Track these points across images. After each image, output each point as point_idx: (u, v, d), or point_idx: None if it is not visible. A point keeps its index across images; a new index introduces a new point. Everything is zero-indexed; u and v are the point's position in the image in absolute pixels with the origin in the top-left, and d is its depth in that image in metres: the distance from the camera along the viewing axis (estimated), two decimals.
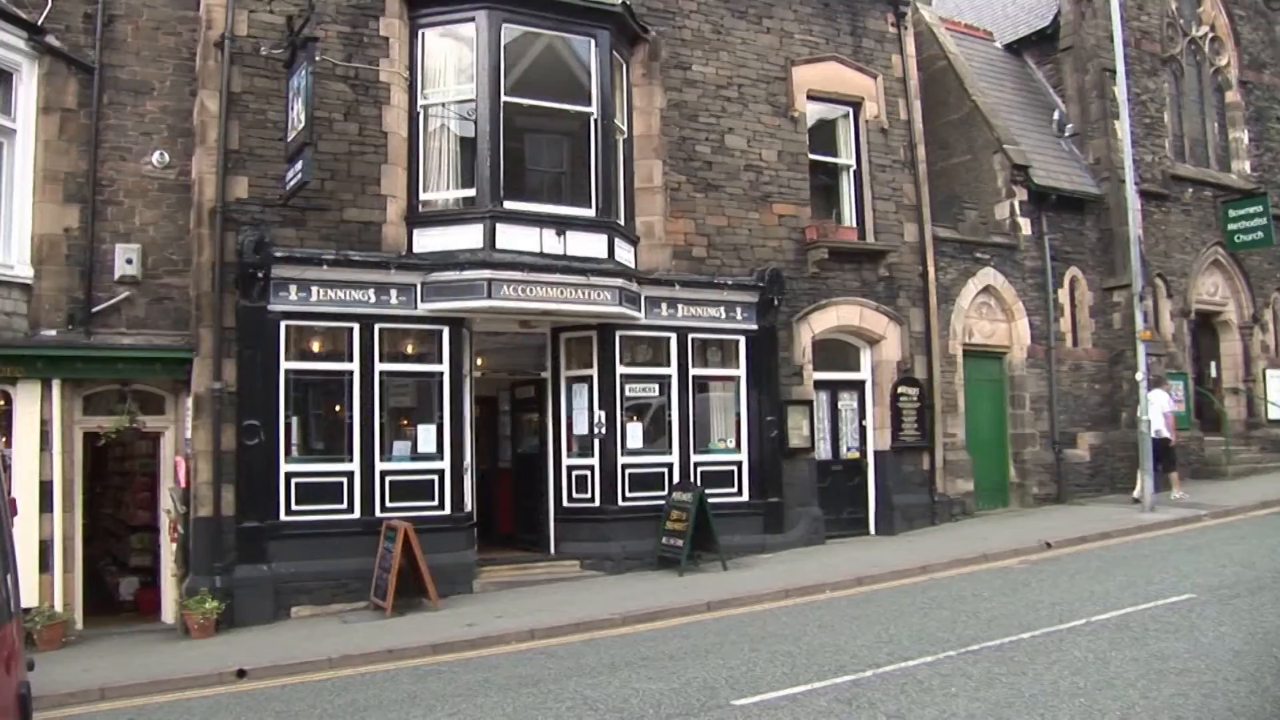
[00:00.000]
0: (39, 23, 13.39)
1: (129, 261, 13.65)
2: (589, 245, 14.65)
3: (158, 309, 13.84)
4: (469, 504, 14.67)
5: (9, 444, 12.71)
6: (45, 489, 12.78)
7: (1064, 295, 21.39)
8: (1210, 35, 25.95)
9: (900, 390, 18.13)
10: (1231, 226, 24.37)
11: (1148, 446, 18.20)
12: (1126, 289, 20.77)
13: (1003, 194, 20.80)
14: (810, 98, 17.94)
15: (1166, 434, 19.10)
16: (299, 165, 12.96)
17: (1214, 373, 24.88)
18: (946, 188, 20.81)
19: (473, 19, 14.56)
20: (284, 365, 13.51)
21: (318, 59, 13.34)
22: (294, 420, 13.67)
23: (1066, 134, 22.94)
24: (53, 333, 13.20)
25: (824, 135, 18.47)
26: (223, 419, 13.14)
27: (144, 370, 13.67)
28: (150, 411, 13.96)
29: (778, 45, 17.70)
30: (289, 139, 13.41)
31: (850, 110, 18.54)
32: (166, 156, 14.03)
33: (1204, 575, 12.26)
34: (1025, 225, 20.80)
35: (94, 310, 13.44)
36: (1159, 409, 19.12)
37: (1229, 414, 23.87)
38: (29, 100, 13.42)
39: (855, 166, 18.49)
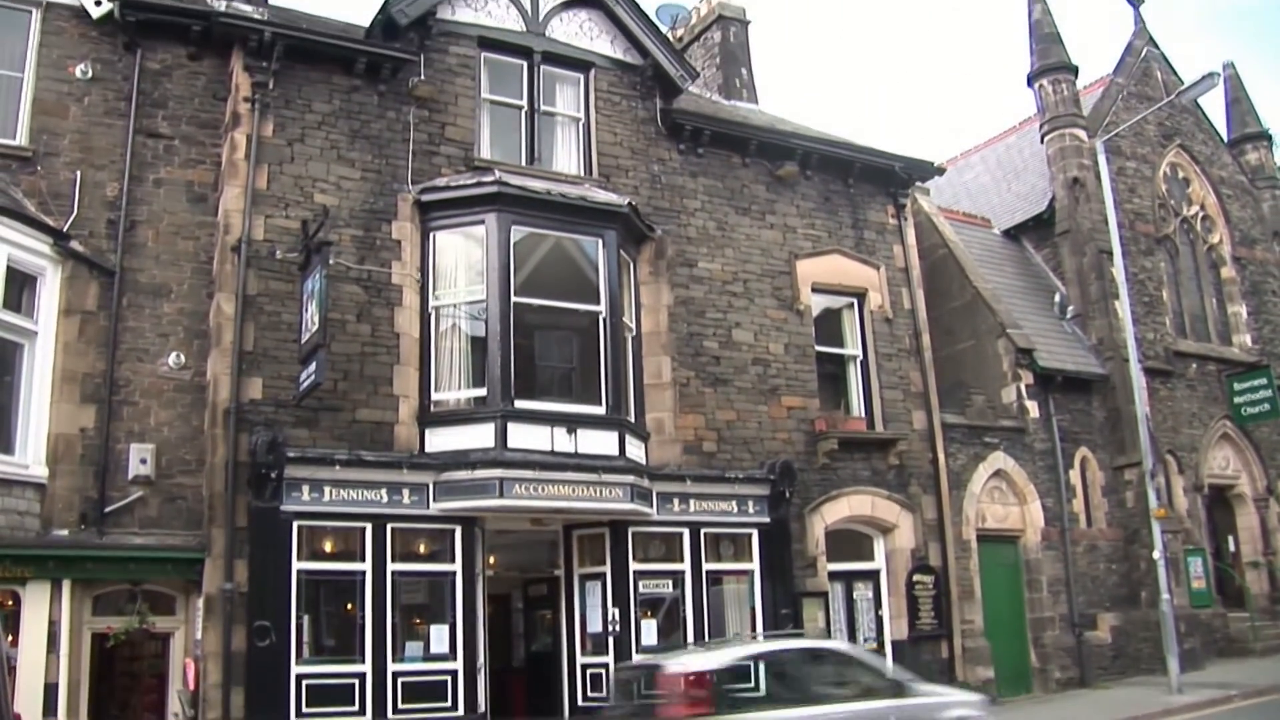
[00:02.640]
0: (65, 229, 13.75)
1: (143, 461, 13.67)
2: (600, 443, 14.76)
3: (170, 509, 13.81)
4: (483, 704, 14.34)
5: (15, 644, 12.53)
6: (50, 691, 12.50)
7: (1075, 476, 21.34)
8: (1201, 214, 26.57)
9: (915, 578, 17.93)
10: (1238, 400, 24.50)
11: (1170, 625, 17.88)
12: (1137, 467, 20.66)
13: (1009, 378, 20.96)
14: (815, 290, 18.28)
15: None
16: (312, 366, 13.16)
17: (1232, 547, 24.62)
18: (953, 373, 20.96)
19: (483, 221, 14.96)
20: (296, 565, 13.41)
21: (331, 262, 13.66)
22: (305, 620, 13.50)
23: (1068, 316, 23.26)
24: (65, 532, 13.14)
25: (830, 326, 18.74)
26: (233, 620, 12.98)
27: (155, 570, 13.57)
28: (160, 611, 13.79)
29: (781, 240, 18.13)
30: (303, 340, 13.66)
31: (855, 301, 18.88)
32: (182, 358, 14.18)
33: None
34: (1033, 408, 20.91)
35: (107, 510, 13.38)
36: None
37: (1251, 589, 23.57)
38: (51, 303, 13.65)
39: (862, 356, 18.71)
